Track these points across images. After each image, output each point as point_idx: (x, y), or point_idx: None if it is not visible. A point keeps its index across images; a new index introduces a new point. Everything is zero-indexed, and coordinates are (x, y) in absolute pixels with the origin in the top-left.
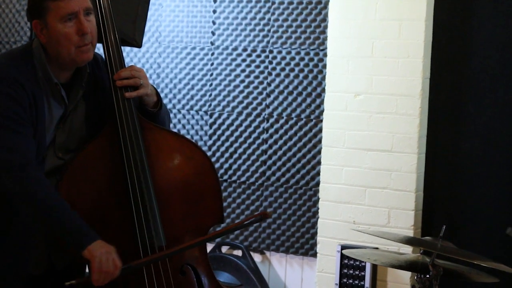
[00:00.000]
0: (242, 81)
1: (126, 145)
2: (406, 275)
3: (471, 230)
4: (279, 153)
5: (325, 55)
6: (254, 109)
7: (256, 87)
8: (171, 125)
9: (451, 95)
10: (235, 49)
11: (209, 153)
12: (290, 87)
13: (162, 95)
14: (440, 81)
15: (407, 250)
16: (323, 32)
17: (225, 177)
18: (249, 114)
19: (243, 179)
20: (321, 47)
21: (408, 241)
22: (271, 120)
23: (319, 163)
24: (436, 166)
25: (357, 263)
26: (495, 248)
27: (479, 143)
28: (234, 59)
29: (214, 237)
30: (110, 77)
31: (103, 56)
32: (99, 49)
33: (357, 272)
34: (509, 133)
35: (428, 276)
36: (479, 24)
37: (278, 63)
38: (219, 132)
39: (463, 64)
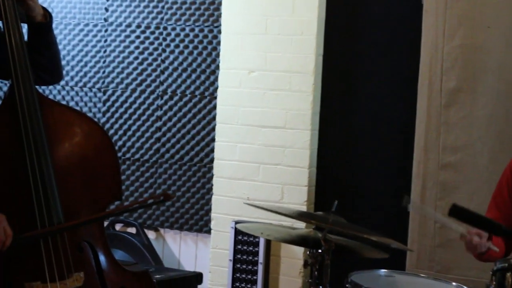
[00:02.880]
0: (136, 58)
1: (25, 121)
2: (299, 250)
3: (363, 205)
4: (173, 130)
5: (219, 32)
6: (148, 86)
7: (150, 64)
8: (64, 102)
9: (343, 72)
10: (129, 25)
11: None
12: (184, 64)
13: None
14: (333, 58)
15: (301, 225)
16: (217, 9)
17: (119, 154)
18: (143, 91)
19: (137, 156)
20: (215, 24)
21: (300, 216)
22: (165, 97)
23: (213, 140)
24: (329, 142)
25: (251, 239)
26: (386, 223)
27: (371, 119)
28: (128, 36)
29: (116, 214)
30: (12, 65)
31: (4, 31)
32: None
33: (251, 248)
34: (399, 109)
35: (320, 250)
36: (371, 2)
37: (172, 40)
38: (112, 109)
39: (355, 41)
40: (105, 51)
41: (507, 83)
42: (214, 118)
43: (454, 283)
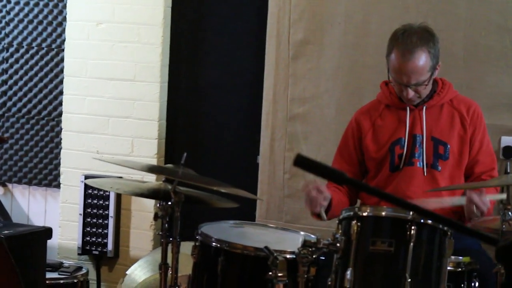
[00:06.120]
0: None
1: None
2: (150, 203)
3: (213, 157)
4: (20, 83)
5: None
6: None
7: None
8: None
9: (192, 23)
10: None
11: None
12: (30, 16)
13: None
14: (182, 10)
15: (151, 178)
16: None
17: None
18: None
19: None
20: None
21: (149, 169)
22: (11, 50)
23: (61, 93)
24: (179, 94)
25: (101, 192)
26: (236, 174)
27: (220, 71)
28: None
29: None
30: None
31: None
32: None
33: (101, 202)
34: (248, 61)
35: (170, 203)
36: None
37: None
38: None
39: None
40: None
41: (353, 35)
42: (61, 71)
43: (302, 233)
